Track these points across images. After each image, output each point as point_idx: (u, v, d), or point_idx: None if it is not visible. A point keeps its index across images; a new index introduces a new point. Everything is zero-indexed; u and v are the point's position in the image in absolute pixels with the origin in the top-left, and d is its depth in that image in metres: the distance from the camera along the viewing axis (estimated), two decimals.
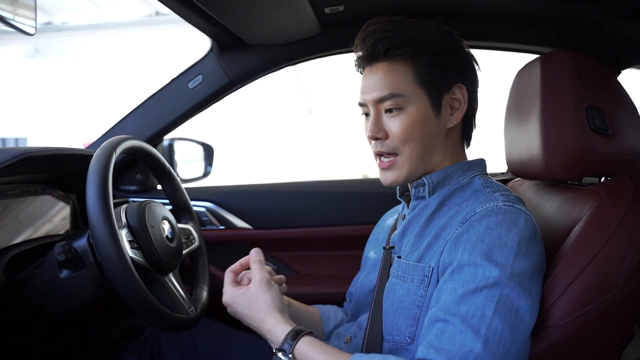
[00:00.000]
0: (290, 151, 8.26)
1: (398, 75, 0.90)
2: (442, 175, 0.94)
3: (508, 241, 0.79)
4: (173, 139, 1.71)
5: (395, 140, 0.91)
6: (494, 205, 0.83)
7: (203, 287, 1.24)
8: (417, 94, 0.90)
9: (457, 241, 0.82)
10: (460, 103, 0.93)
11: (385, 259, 0.99)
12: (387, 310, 0.91)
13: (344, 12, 1.37)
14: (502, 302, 0.74)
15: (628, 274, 0.78)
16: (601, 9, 1.28)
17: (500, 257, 0.77)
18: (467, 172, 0.95)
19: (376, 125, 0.92)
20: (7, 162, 0.99)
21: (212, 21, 1.31)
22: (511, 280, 0.76)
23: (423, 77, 0.90)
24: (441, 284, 0.81)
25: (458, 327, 0.73)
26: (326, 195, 1.69)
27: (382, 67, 0.92)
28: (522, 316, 0.74)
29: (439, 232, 0.88)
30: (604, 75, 0.93)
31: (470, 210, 0.85)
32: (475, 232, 0.81)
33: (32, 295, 1.00)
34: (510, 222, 0.81)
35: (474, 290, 0.76)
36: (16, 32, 0.90)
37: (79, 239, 0.99)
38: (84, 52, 8.56)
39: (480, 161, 0.98)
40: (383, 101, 0.91)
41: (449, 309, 0.76)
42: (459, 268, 0.79)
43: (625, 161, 0.90)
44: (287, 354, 0.83)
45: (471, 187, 0.92)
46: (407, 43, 0.90)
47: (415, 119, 0.90)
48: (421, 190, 0.95)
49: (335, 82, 7.24)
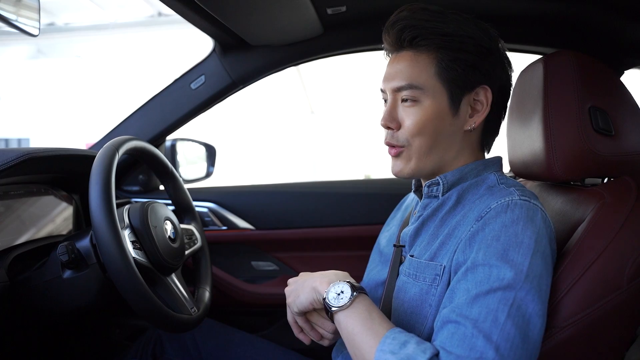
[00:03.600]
0: (292, 152, 8.26)
1: (420, 66, 0.88)
2: (457, 175, 0.91)
3: (525, 239, 0.76)
4: (175, 140, 1.71)
5: (406, 133, 0.89)
6: (509, 200, 0.81)
7: (205, 288, 1.24)
8: (436, 89, 0.88)
9: (472, 239, 0.80)
10: (483, 105, 0.89)
11: (396, 256, 0.97)
12: (397, 309, 0.89)
13: (347, 12, 1.37)
14: (515, 306, 0.72)
15: (631, 275, 0.78)
16: (604, 10, 1.28)
17: (517, 257, 0.75)
18: (482, 172, 0.92)
19: (390, 114, 0.90)
20: (10, 163, 0.99)
21: (214, 22, 1.31)
22: (527, 282, 0.73)
23: (445, 72, 0.87)
24: (454, 284, 0.79)
25: (470, 331, 0.71)
26: (328, 196, 1.68)
27: (406, 56, 0.89)
28: (534, 322, 0.72)
29: (452, 230, 0.85)
30: (607, 76, 0.93)
31: (485, 206, 0.82)
32: (491, 230, 0.78)
33: (35, 295, 1.01)
34: (527, 219, 0.78)
35: (487, 291, 0.73)
36: (19, 33, 0.91)
37: (82, 240, 0.99)
38: (87, 53, 8.58)
39: (496, 159, 0.95)
40: (401, 90, 0.89)
41: (461, 311, 0.74)
42: (473, 268, 0.77)
43: (629, 162, 0.89)
44: (350, 296, 0.79)
45: (485, 183, 0.90)
46: (434, 34, 0.87)
47: (430, 113, 0.88)
48: (434, 190, 0.92)
49: (337, 82, 7.25)
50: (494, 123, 0.94)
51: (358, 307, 0.79)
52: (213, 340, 1.26)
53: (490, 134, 0.95)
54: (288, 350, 1.26)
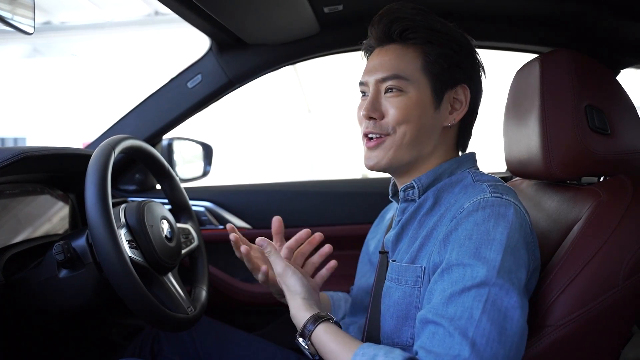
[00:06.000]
0: (289, 151, 8.25)
1: (407, 59, 0.89)
2: (432, 177, 0.92)
3: (497, 235, 0.77)
4: (172, 139, 1.71)
5: (391, 121, 0.89)
6: (480, 198, 0.81)
7: (202, 287, 1.24)
8: (421, 82, 0.89)
9: (446, 240, 0.81)
10: (462, 104, 0.92)
11: (382, 262, 0.99)
12: (385, 314, 0.90)
13: (343, 11, 1.37)
14: (490, 301, 0.73)
15: (627, 273, 0.79)
16: (600, 9, 1.28)
17: (489, 253, 0.76)
18: (456, 170, 0.93)
19: (373, 104, 0.90)
20: (5, 162, 0.98)
21: (211, 20, 1.31)
22: (500, 277, 0.74)
23: (431, 67, 0.89)
24: (432, 284, 0.80)
25: (447, 330, 0.73)
26: (325, 195, 1.68)
27: (393, 49, 0.91)
28: (510, 315, 0.73)
29: (430, 231, 0.87)
30: (603, 75, 0.93)
31: (459, 206, 0.83)
32: (463, 230, 0.79)
33: (31, 294, 1.00)
34: (499, 215, 0.79)
35: (461, 290, 0.75)
36: (15, 31, 0.90)
37: (78, 239, 0.99)
38: (83, 52, 8.55)
39: (469, 155, 0.96)
40: (385, 81, 0.90)
41: (437, 311, 0.75)
42: (448, 268, 0.78)
43: (624, 161, 0.90)
44: (305, 339, 0.84)
45: (462, 182, 0.90)
46: (424, 28, 0.89)
47: (414, 103, 0.89)
48: (410, 193, 0.93)
49: (334, 81, 7.24)
50: (468, 124, 0.96)
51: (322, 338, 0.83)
52: (211, 338, 1.26)
53: (465, 134, 0.97)
54: (285, 349, 1.26)
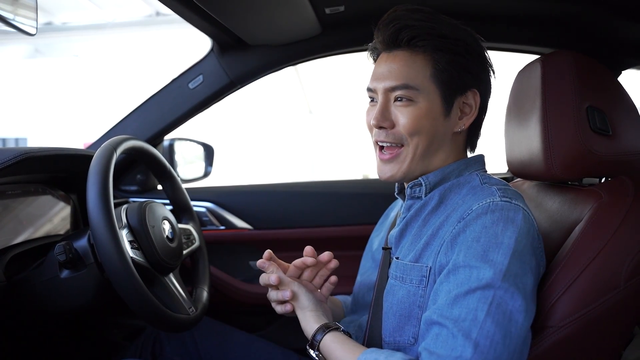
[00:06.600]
0: (290, 151, 8.26)
1: (416, 67, 0.88)
2: (440, 176, 0.92)
3: (505, 239, 0.77)
4: (173, 139, 1.71)
5: (402, 130, 0.89)
6: (490, 202, 0.82)
7: (203, 287, 1.24)
8: (431, 90, 0.88)
9: (454, 241, 0.81)
10: (472, 109, 0.91)
11: (385, 258, 0.98)
12: (387, 312, 0.90)
13: (345, 12, 1.37)
14: (495, 304, 0.73)
15: (628, 274, 0.78)
16: (601, 10, 1.28)
17: (497, 257, 0.76)
18: (464, 171, 0.93)
19: (383, 114, 0.89)
20: (7, 162, 0.99)
21: (212, 21, 1.31)
22: (506, 280, 0.74)
23: (441, 74, 0.88)
24: (437, 285, 0.80)
25: (451, 331, 0.73)
26: (326, 196, 1.68)
27: (401, 56, 0.89)
28: (515, 318, 0.73)
29: (435, 230, 0.86)
30: (605, 76, 0.93)
31: (467, 207, 0.83)
32: (472, 232, 0.79)
33: (32, 295, 1.00)
34: (507, 220, 0.79)
35: (466, 292, 0.75)
36: (17, 32, 0.90)
37: (80, 239, 0.99)
38: (85, 52, 8.56)
39: (478, 158, 0.96)
40: (395, 90, 0.89)
41: (442, 312, 0.75)
42: (454, 269, 0.78)
43: (626, 162, 0.89)
44: (314, 349, 0.86)
45: (469, 184, 0.90)
46: (432, 36, 0.87)
47: (425, 113, 0.88)
48: (417, 191, 0.93)
49: (335, 82, 7.25)
50: (478, 125, 0.96)
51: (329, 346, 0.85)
52: (212, 339, 1.26)
53: (475, 135, 0.97)
54: (286, 350, 1.26)
